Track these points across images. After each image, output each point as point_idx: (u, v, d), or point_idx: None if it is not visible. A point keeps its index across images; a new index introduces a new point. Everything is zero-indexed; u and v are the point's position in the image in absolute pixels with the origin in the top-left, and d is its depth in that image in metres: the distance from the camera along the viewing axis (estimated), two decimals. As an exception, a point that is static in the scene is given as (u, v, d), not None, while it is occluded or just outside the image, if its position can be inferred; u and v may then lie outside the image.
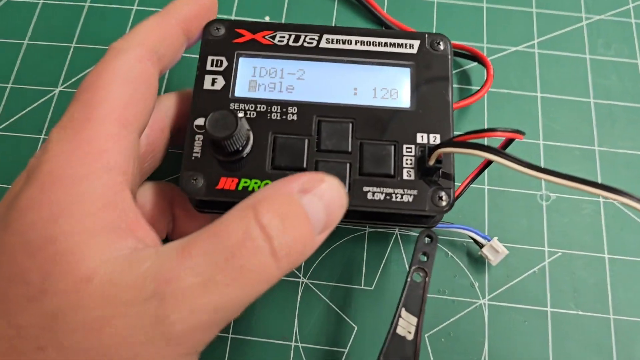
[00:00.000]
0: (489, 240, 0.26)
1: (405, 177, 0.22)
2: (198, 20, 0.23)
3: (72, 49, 0.32)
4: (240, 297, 0.16)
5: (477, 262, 0.27)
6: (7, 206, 0.17)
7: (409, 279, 0.22)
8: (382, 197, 0.22)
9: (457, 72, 0.32)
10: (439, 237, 0.28)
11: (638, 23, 0.33)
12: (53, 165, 0.17)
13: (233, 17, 0.33)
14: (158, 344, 0.15)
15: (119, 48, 0.20)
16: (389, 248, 0.28)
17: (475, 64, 0.32)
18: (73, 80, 0.31)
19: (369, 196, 0.22)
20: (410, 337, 0.21)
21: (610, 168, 0.29)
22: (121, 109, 0.19)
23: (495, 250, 0.26)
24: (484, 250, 0.26)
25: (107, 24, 0.33)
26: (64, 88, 0.31)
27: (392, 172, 0.22)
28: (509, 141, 0.22)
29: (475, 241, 0.27)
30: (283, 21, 0.33)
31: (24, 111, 0.30)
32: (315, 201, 0.17)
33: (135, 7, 0.33)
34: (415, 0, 0.34)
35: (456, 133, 0.22)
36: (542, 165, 0.29)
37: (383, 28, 0.33)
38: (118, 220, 0.17)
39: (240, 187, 0.22)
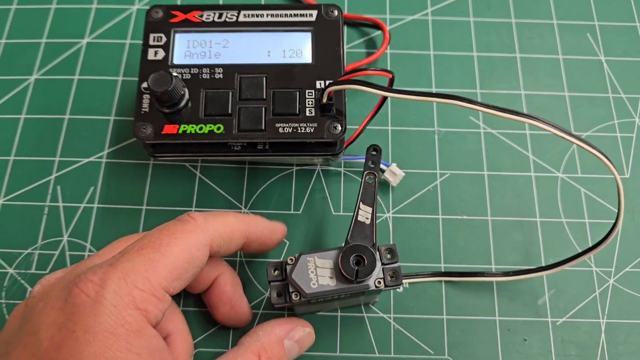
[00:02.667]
0: (388, 166, 0.33)
1: (307, 114, 0.29)
2: (259, 243, 0.27)
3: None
4: None
5: (382, 185, 0.34)
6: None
7: (363, 181, 0.28)
8: (290, 130, 0.28)
9: (366, 40, 0.39)
10: (351, 168, 0.34)
11: (512, -11, 0.40)
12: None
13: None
14: None
15: (200, 226, 0.23)
16: (312, 181, 0.34)
17: (380, 31, 0.38)
18: (46, 68, 0.37)
19: (280, 130, 0.28)
20: (368, 222, 0.28)
21: (490, 106, 0.36)
22: (171, 280, 0.21)
23: (394, 174, 0.33)
24: (385, 174, 0.33)
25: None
26: (39, 76, 0.37)
27: (297, 111, 0.29)
28: (392, 81, 0.28)
29: (379, 168, 0.33)
30: (219, 8, 0.39)
31: None
32: (295, 346, 0.27)
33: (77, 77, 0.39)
34: (328, -17, 0.40)
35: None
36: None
37: (302, 8, 0.39)
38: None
39: (180, 131, 0.28)
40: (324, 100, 0.28)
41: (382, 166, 0.33)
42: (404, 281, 0.32)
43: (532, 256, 0.32)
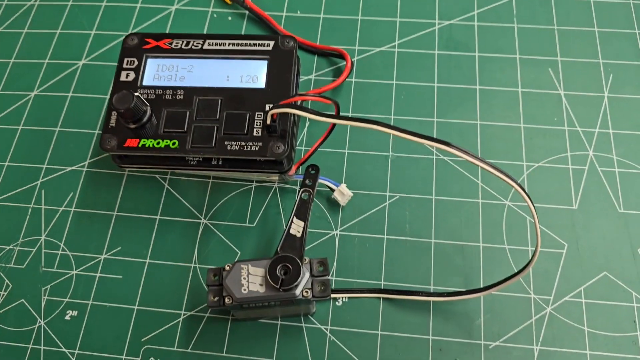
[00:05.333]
0: (337, 186, 0.35)
1: (254, 134, 0.31)
2: None
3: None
4: None
5: (333, 204, 0.36)
6: None
7: (298, 197, 0.31)
8: (237, 148, 0.31)
9: (334, 68, 0.41)
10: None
11: (478, 25, 0.42)
12: None
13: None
14: None
15: None
16: (269, 197, 0.37)
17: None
18: (46, 86, 0.42)
19: (228, 147, 0.31)
20: (299, 235, 0.30)
21: (445, 135, 0.38)
22: None
23: (342, 194, 0.35)
24: (335, 194, 0.35)
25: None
26: (39, 92, 0.42)
27: (246, 131, 0.31)
28: (338, 108, 0.31)
29: (329, 187, 0.35)
30: (202, 36, 0.43)
31: None
32: None
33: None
34: (307, 17, 0.43)
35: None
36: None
37: (277, 38, 0.42)
38: None
39: (140, 145, 0.32)
40: (268, 121, 0.31)
41: (332, 185, 0.35)
42: (343, 295, 0.33)
43: (472, 280, 0.33)
